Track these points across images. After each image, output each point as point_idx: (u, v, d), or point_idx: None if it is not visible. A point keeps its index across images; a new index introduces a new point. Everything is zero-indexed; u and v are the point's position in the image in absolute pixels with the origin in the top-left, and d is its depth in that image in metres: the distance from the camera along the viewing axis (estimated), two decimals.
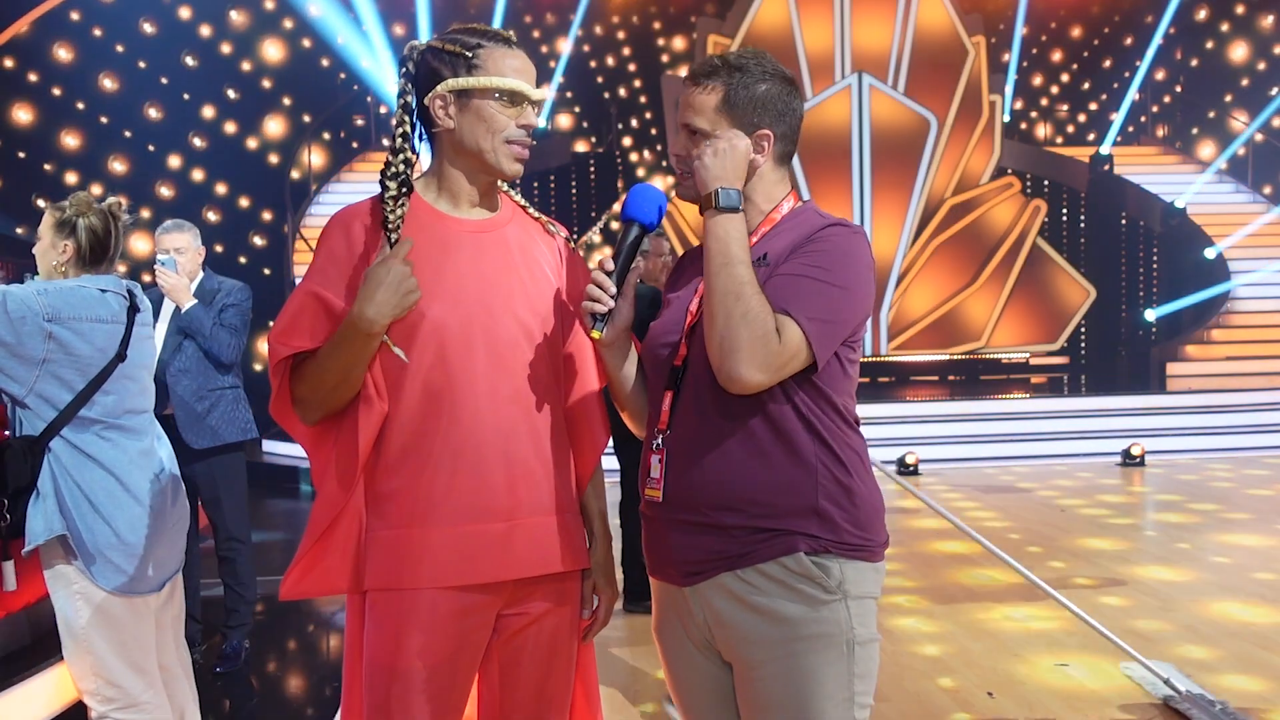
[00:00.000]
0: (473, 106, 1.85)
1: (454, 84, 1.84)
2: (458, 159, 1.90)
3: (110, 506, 2.55)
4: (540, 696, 1.94)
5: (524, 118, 1.87)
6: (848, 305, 1.78)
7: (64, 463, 2.54)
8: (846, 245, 1.80)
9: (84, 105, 12.71)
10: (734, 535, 1.80)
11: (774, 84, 1.86)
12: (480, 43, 1.86)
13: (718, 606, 1.83)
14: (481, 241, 1.91)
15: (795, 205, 1.91)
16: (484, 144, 1.85)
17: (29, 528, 2.53)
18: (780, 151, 1.89)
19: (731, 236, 1.76)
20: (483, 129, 1.85)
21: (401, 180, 1.85)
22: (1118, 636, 4.09)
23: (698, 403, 1.82)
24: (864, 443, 1.89)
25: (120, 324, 2.63)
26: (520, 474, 1.86)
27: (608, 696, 4.00)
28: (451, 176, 1.91)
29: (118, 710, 2.60)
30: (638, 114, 16.91)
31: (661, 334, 1.92)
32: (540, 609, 1.91)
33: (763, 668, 1.81)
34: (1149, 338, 15.07)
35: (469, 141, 1.86)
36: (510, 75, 1.85)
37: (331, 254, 1.86)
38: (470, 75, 1.84)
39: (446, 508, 1.81)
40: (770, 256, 1.82)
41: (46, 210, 2.73)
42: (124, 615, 2.60)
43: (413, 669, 1.80)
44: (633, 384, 1.98)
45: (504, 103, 1.85)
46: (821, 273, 1.76)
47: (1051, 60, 17.90)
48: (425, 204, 1.90)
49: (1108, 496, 8.43)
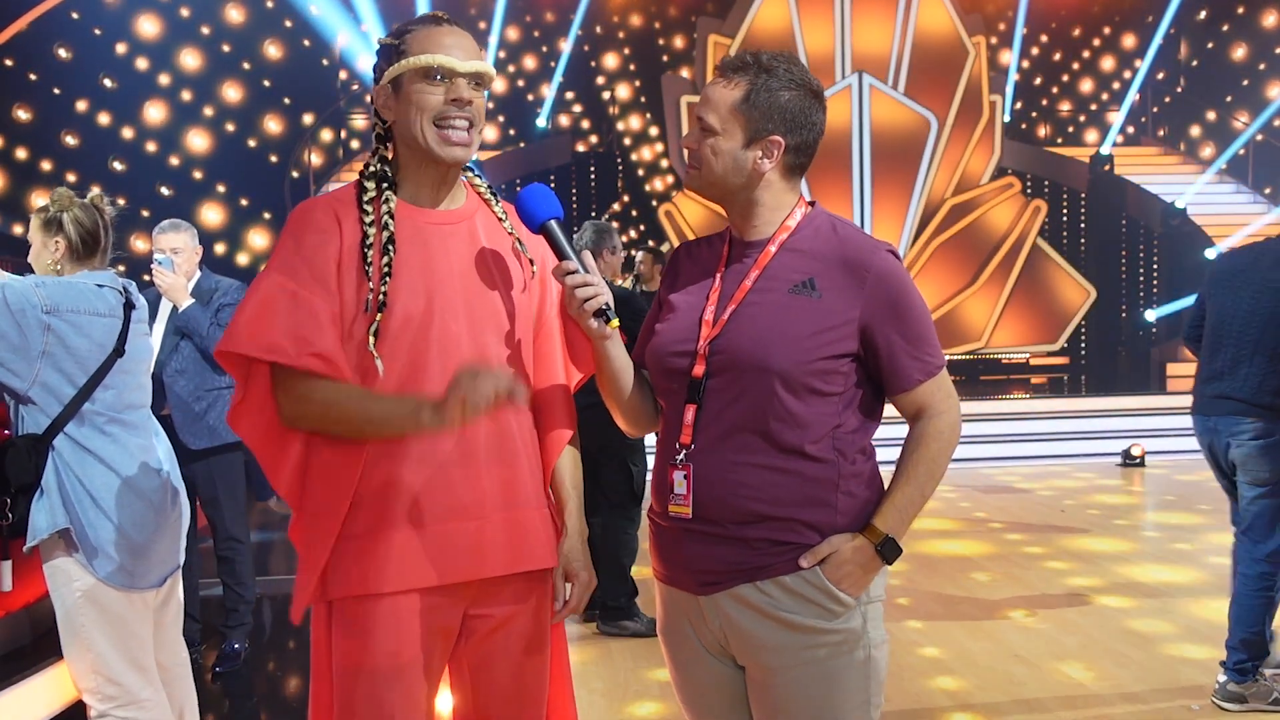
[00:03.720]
0: (404, 91, 1.82)
1: (387, 74, 1.83)
2: (406, 150, 1.87)
3: (112, 501, 2.56)
4: (514, 698, 1.91)
5: (454, 93, 1.81)
6: (929, 322, 1.85)
7: (67, 459, 2.55)
8: (903, 278, 1.83)
9: (84, 105, 12.70)
10: (755, 548, 1.80)
11: (799, 94, 1.84)
12: (408, 28, 1.84)
13: (734, 615, 1.82)
14: (448, 234, 1.88)
15: (807, 212, 1.90)
16: (415, 128, 1.82)
17: (32, 523, 2.53)
18: (791, 162, 1.86)
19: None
20: (413, 111, 1.81)
21: (380, 178, 1.85)
22: (1117, 636, 4.08)
23: (723, 419, 1.81)
24: (874, 453, 1.90)
25: (117, 318, 2.64)
26: (491, 470, 1.83)
27: (607, 696, 4.00)
28: (407, 169, 1.88)
29: (118, 708, 2.60)
30: (638, 114, 16.90)
31: (673, 342, 1.88)
32: (508, 611, 1.88)
33: (782, 674, 1.81)
34: (1149, 338, 15.05)
35: (406, 129, 1.84)
36: (436, 52, 1.80)
37: (300, 244, 1.80)
38: (398, 61, 1.82)
39: (415, 509, 1.79)
40: (817, 282, 1.81)
41: (32, 215, 2.75)
42: (124, 612, 2.60)
43: (381, 670, 1.79)
44: (633, 377, 1.96)
45: (430, 81, 1.80)
46: (912, 327, 1.82)
47: (1051, 60, 17.88)
48: (399, 199, 1.88)
49: (1108, 497, 8.43)
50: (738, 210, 1.90)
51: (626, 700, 3.94)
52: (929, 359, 1.83)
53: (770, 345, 1.78)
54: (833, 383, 1.79)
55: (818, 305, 1.79)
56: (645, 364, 1.96)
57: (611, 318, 1.83)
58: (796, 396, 1.77)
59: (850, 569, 1.78)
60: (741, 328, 1.81)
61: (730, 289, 1.87)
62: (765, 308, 1.81)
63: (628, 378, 1.94)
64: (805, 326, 1.78)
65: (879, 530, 1.80)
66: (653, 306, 2.02)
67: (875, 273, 1.80)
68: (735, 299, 1.84)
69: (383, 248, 1.80)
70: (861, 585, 1.80)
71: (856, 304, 1.79)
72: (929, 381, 1.83)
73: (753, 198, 1.87)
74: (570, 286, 1.81)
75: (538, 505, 1.91)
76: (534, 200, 1.87)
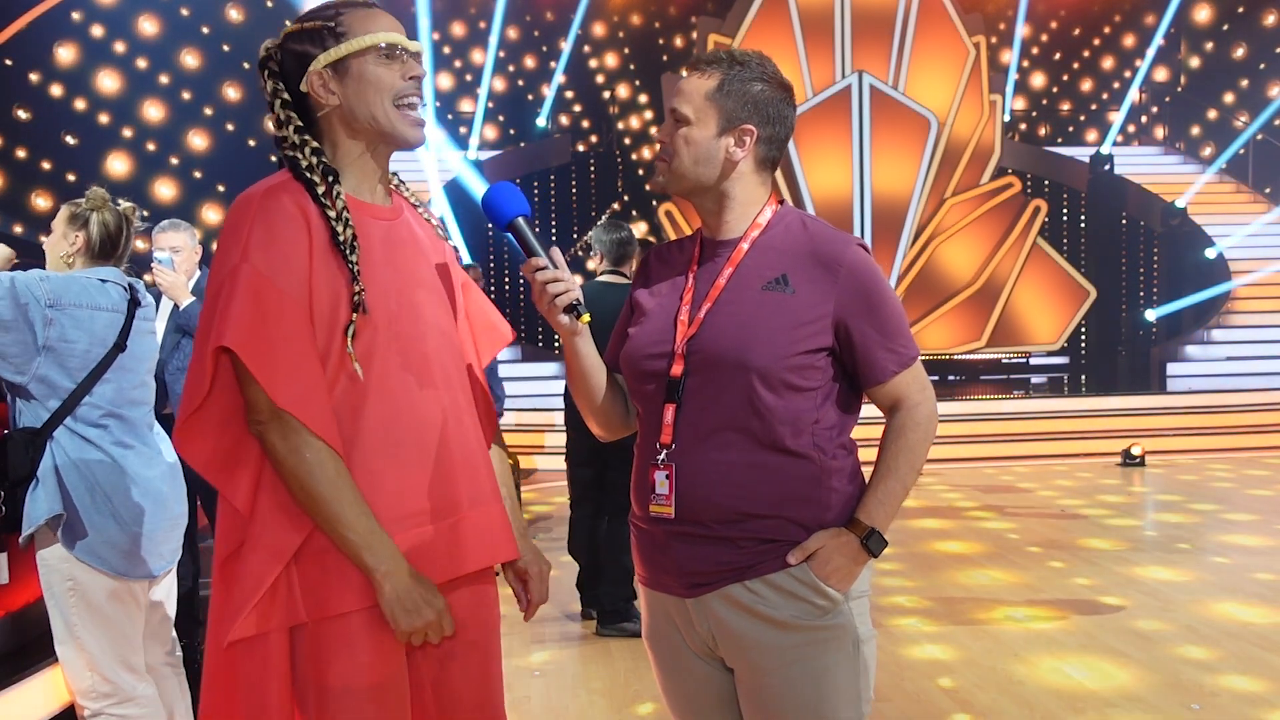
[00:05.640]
0: (353, 72, 1.75)
1: (326, 57, 1.75)
2: (354, 136, 1.79)
3: (109, 491, 2.57)
4: (480, 708, 1.85)
5: (410, 70, 1.78)
6: (901, 314, 1.87)
7: (65, 449, 2.56)
8: (874, 271, 1.85)
9: (84, 105, 12.71)
10: (741, 547, 1.80)
11: (769, 87, 1.86)
12: (338, 10, 1.78)
13: (723, 616, 1.82)
14: (392, 229, 1.83)
15: (777, 209, 1.91)
16: (375, 109, 1.76)
17: (28, 512, 2.54)
18: (763, 154, 1.87)
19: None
20: (370, 91, 1.75)
21: (325, 170, 1.75)
22: (1117, 636, 4.08)
23: (703, 418, 1.81)
24: (855, 448, 1.91)
25: (120, 314, 2.65)
26: (458, 468, 1.80)
27: (607, 696, 4.00)
28: (350, 158, 1.80)
29: (113, 706, 2.60)
30: (638, 114, 16.90)
31: (648, 344, 1.88)
32: (460, 615, 1.78)
33: (773, 674, 1.81)
34: (1149, 338, 15.06)
35: (360, 110, 1.76)
36: (381, 31, 1.76)
37: (275, 235, 1.69)
38: (340, 42, 1.75)
39: (392, 515, 1.72)
40: (790, 278, 1.81)
41: (63, 206, 2.77)
42: (115, 609, 2.61)
43: (376, 685, 1.71)
44: (605, 378, 1.95)
45: (383, 59, 1.76)
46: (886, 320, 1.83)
47: (1051, 60, 17.89)
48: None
49: (1108, 496, 8.43)
50: (710, 205, 1.91)
51: (626, 700, 3.94)
52: (902, 350, 1.84)
53: (747, 342, 1.78)
54: (810, 378, 1.80)
55: (791, 301, 1.80)
56: (620, 368, 1.95)
57: (583, 313, 1.82)
58: (774, 393, 1.78)
59: (838, 564, 1.79)
60: (718, 326, 1.82)
61: (704, 288, 1.87)
62: (740, 305, 1.82)
63: (599, 376, 1.94)
64: (780, 322, 1.79)
65: (863, 524, 1.81)
66: (623, 311, 2.00)
67: (847, 266, 1.81)
68: (710, 298, 1.85)
69: (350, 246, 1.72)
70: (849, 580, 1.81)
71: (829, 298, 1.80)
72: (904, 373, 1.84)
73: (724, 190, 1.87)
74: (541, 283, 1.80)
75: (496, 499, 1.88)
76: (501, 197, 1.84)
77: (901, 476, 1.84)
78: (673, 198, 13.77)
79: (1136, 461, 9.99)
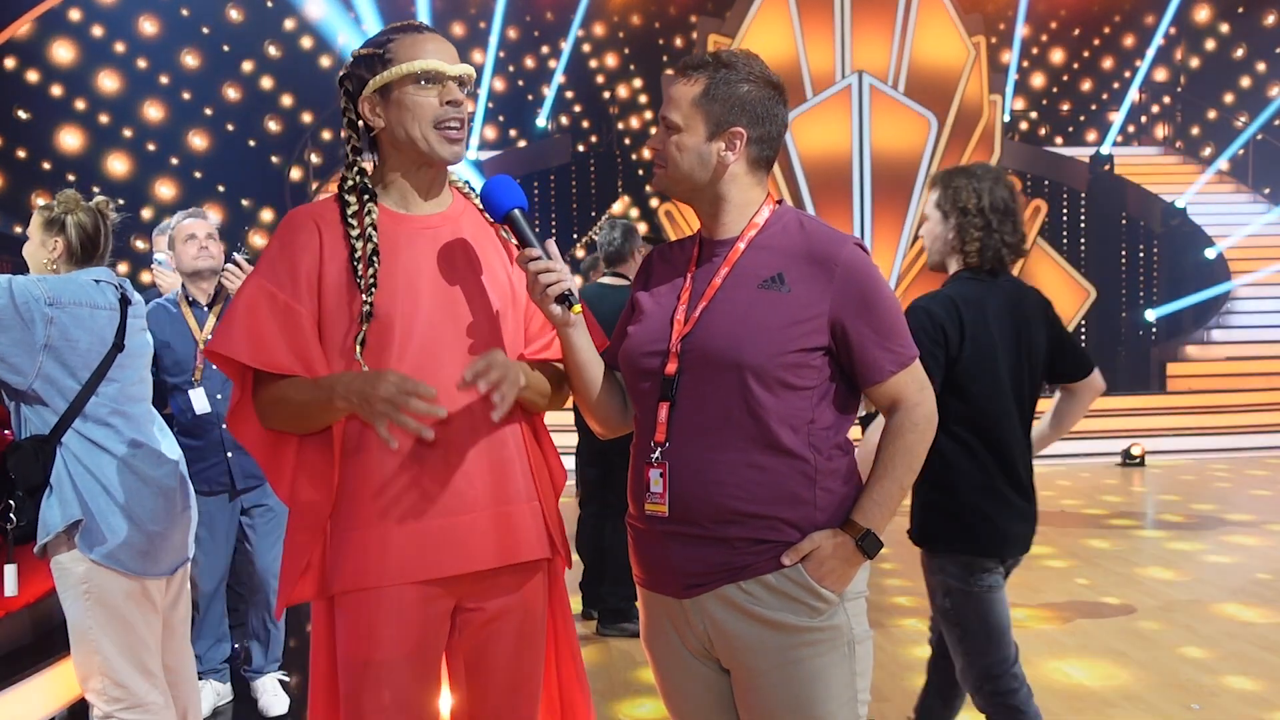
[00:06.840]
0: (394, 99, 1.87)
1: (374, 83, 1.87)
2: (398, 156, 1.92)
3: (123, 492, 2.57)
4: (510, 691, 1.95)
5: (448, 95, 1.87)
6: (899, 314, 1.86)
7: (76, 453, 2.56)
8: (870, 271, 1.85)
9: (84, 105, 12.71)
10: (737, 547, 1.80)
11: (757, 87, 1.85)
12: (390, 37, 1.90)
13: (719, 616, 1.83)
14: (438, 237, 1.93)
15: (775, 209, 1.91)
16: (414, 132, 1.87)
17: (43, 519, 2.54)
18: (755, 155, 1.88)
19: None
20: (409, 117, 1.86)
21: (361, 190, 1.90)
22: (1117, 636, 4.09)
23: (697, 416, 1.82)
24: (852, 448, 1.91)
25: (115, 312, 2.65)
26: (481, 467, 1.87)
27: (606, 696, 4.00)
28: (397, 175, 1.93)
29: (124, 710, 2.60)
30: (638, 114, 16.90)
31: (645, 343, 1.89)
32: (499, 603, 1.92)
33: (768, 674, 1.81)
34: (1149, 338, 15.06)
35: (400, 135, 1.88)
36: (424, 58, 1.86)
37: (283, 248, 1.87)
38: (386, 69, 1.86)
39: (411, 505, 1.84)
40: (786, 277, 1.82)
41: (35, 211, 2.75)
42: (132, 612, 2.61)
43: (383, 660, 1.83)
44: (602, 373, 1.97)
45: (422, 86, 1.86)
46: (882, 319, 1.82)
47: (1051, 60, 17.89)
48: (381, 207, 1.92)
49: (1108, 496, 8.43)
50: (706, 208, 1.92)
51: (626, 700, 3.95)
52: (900, 349, 1.84)
53: (742, 340, 1.79)
54: (805, 377, 1.80)
55: (787, 299, 1.80)
56: (618, 365, 1.97)
57: (574, 303, 1.84)
58: (769, 390, 1.78)
59: (833, 565, 1.79)
60: (713, 324, 1.82)
61: (701, 287, 1.88)
62: (736, 304, 1.82)
63: (595, 370, 1.95)
64: (776, 320, 1.79)
65: (859, 525, 1.81)
66: (625, 309, 2.02)
67: (843, 265, 1.81)
68: (706, 296, 1.85)
69: (368, 260, 1.85)
70: (844, 581, 1.81)
71: (826, 297, 1.80)
72: (902, 372, 1.84)
73: (719, 193, 1.88)
74: (533, 273, 1.83)
75: (528, 499, 1.94)
76: (499, 190, 1.90)
77: (899, 478, 1.83)
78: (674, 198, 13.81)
79: (1136, 461, 9.99)
